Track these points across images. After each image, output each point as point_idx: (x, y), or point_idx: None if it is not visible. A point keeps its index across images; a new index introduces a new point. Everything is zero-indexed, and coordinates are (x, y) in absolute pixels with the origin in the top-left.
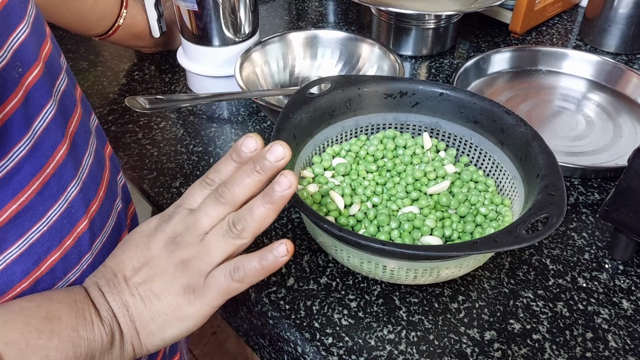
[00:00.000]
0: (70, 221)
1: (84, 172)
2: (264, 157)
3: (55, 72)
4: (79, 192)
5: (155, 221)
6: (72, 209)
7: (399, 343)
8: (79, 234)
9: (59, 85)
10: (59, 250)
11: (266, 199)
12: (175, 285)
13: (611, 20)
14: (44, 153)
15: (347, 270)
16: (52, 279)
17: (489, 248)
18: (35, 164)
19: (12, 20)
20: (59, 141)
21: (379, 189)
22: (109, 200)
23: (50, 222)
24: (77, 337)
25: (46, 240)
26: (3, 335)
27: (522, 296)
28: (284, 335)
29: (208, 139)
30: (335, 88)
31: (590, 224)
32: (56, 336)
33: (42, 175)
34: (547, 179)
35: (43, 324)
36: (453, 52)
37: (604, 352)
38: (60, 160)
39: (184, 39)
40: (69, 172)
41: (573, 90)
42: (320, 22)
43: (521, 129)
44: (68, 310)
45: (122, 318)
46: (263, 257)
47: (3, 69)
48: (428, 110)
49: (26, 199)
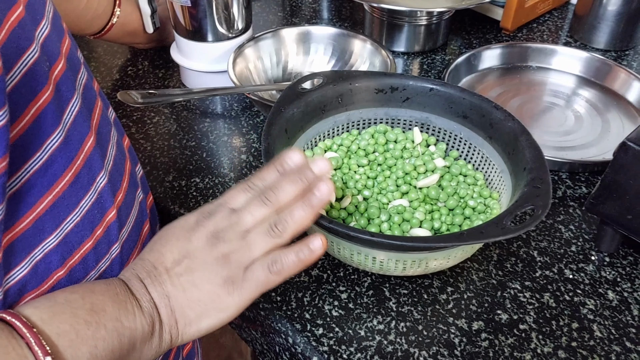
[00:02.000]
0: (100, 211)
1: (110, 163)
2: (309, 169)
3: (76, 66)
4: (107, 183)
5: (195, 217)
6: (101, 199)
7: (389, 333)
8: (108, 223)
9: (80, 79)
10: (90, 240)
11: (306, 202)
12: (216, 277)
13: (600, 17)
14: (74, 145)
15: (338, 263)
16: (85, 268)
17: (476, 239)
18: (67, 156)
19: (36, 15)
20: (86, 133)
21: (369, 183)
22: (132, 191)
23: (83, 212)
24: (122, 327)
25: (79, 229)
26: (54, 327)
27: (509, 287)
28: (276, 326)
29: (201, 133)
30: (327, 83)
31: (577, 217)
32: (103, 327)
33: (74, 166)
34: (534, 172)
35: (90, 315)
36: (445, 48)
37: (589, 341)
38: (89, 152)
39: (177, 34)
40: (97, 163)
41: (562, 86)
42: (313, 19)
43: (509, 123)
44: (111, 302)
45: (162, 308)
46: (300, 250)
47: (35, 62)
48: (418, 106)
49: (60, 189)
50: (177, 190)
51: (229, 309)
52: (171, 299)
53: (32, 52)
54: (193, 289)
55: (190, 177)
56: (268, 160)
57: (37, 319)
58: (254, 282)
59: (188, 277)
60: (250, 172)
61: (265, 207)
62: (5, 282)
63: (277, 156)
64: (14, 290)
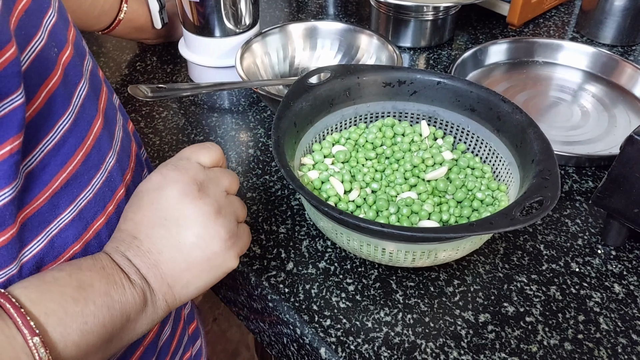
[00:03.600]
0: (111, 188)
1: (117, 144)
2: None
3: (82, 53)
4: (115, 162)
5: (158, 176)
6: (111, 177)
7: (395, 325)
8: (118, 200)
9: (87, 65)
10: (103, 216)
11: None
12: (221, 231)
13: (607, 13)
14: (83, 126)
15: (345, 255)
16: (99, 242)
17: (485, 229)
18: (77, 136)
19: (43, 4)
20: (94, 115)
21: (377, 176)
22: (138, 171)
23: (95, 189)
24: (111, 301)
25: (92, 206)
26: (42, 307)
27: (516, 280)
28: (283, 317)
29: (209, 128)
30: (334, 77)
31: (583, 210)
32: (91, 303)
33: (84, 146)
34: (542, 164)
35: (77, 292)
36: (451, 43)
37: (595, 334)
38: (97, 133)
39: (185, 30)
40: (105, 144)
41: (569, 81)
42: (320, 14)
43: (517, 116)
44: (98, 277)
45: (152, 277)
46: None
47: (42, 48)
48: (426, 99)
49: (73, 168)
50: None
51: (228, 262)
52: (161, 266)
53: (39, 38)
54: (189, 249)
55: None
56: (278, 152)
57: (26, 299)
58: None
59: (178, 237)
60: (257, 167)
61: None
62: (22, 256)
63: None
64: (31, 263)
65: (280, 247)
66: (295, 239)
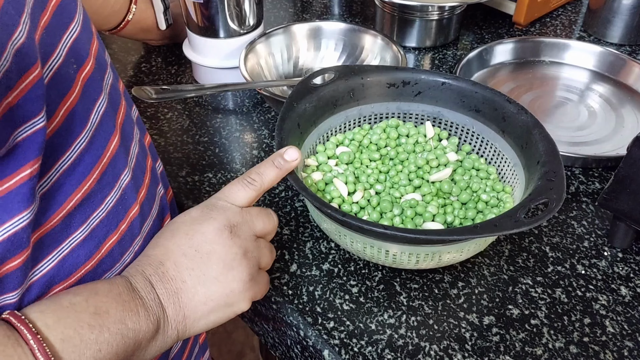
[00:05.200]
0: (124, 207)
1: (132, 160)
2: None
3: (103, 67)
4: (130, 180)
5: (198, 211)
6: (125, 196)
7: (399, 327)
8: (132, 219)
9: (107, 79)
10: (116, 234)
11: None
12: (243, 273)
13: (615, 12)
14: (100, 144)
15: (349, 257)
16: (111, 260)
17: (490, 232)
18: (93, 155)
19: (64, 19)
20: (111, 132)
21: (382, 177)
22: (153, 186)
23: (108, 208)
24: (125, 328)
25: (105, 225)
26: (59, 332)
27: (521, 283)
28: (287, 319)
29: (213, 129)
30: (338, 78)
31: (590, 212)
32: (106, 330)
33: (100, 165)
34: (547, 165)
35: (94, 318)
36: (456, 43)
37: (601, 337)
38: (114, 151)
39: (189, 31)
40: (121, 161)
41: (576, 81)
42: (324, 14)
43: (522, 117)
44: (115, 304)
45: (170, 305)
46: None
47: (61, 66)
48: (430, 100)
49: (88, 187)
50: (190, 185)
51: (241, 303)
52: (181, 295)
53: (57, 56)
54: (208, 282)
55: (204, 173)
56: None
57: (42, 325)
58: (266, 280)
59: (201, 272)
60: None
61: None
62: (32, 275)
63: (275, 153)
64: (41, 282)
65: (284, 248)
66: (298, 241)
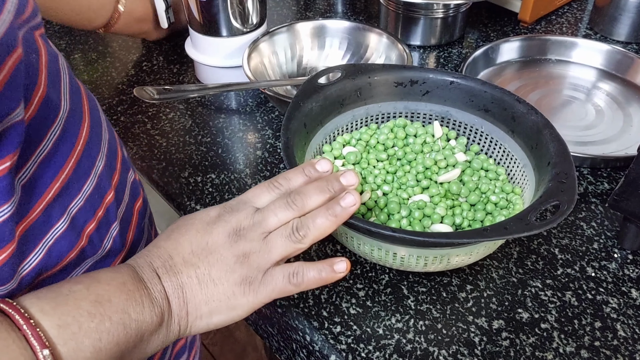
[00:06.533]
0: (100, 193)
1: (105, 146)
2: (337, 180)
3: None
4: (104, 166)
5: (217, 211)
6: (101, 183)
7: (407, 332)
8: (108, 205)
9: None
10: (93, 222)
11: (330, 211)
12: (234, 275)
13: (622, 9)
14: (73, 132)
15: (356, 260)
16: (92, 248)
17: (499, 235)
18: (68, 143)
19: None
20: (81, 119)
21: (389, 178)
22: (124, 171)
23: (86, 196)
24: (128, 319)
25: (83, 213)
26: (55, 319)
27: (530, 285)
28: (293, 323)
29: (216, 129)
30: (345, 77)
31: (599, 213)
32: (107, 319)
33: (75, 152)
34: (558, 166)
35: (94, 306)
36: (462, 41)
37: (612, 341)
38: (87, 137)
39: (191, 29)
40: (95, 148)
41: (583, 80)
42: (328, 12)
43: (532, 117)
44: (118, 293)
45: (175, 299)
46: (323, 269)
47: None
48: (438, 99)
49: (65, 176)
50: (192, 186)
51: (240, 308)
52: (186, 290)
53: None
54: (210, 283)
55: (206, 173)
56: (287, 154)
57: (37, 310)
58: (271, 287)
59: (206, 271)
60: (265, 168)
61: (291, 211)
62: (22, 269)
63: (307, 162)
64: (30, 276)
65: None
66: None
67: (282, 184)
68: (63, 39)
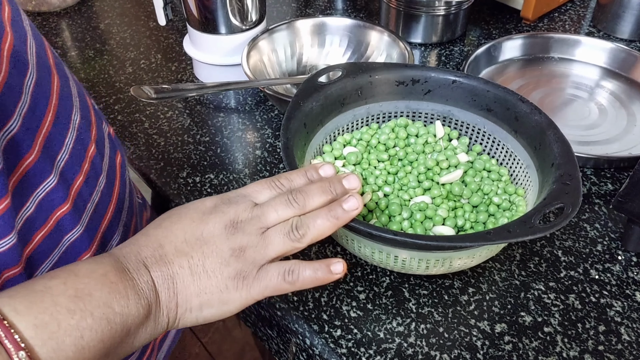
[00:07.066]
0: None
1: (77, 98)
2: (340, 182)
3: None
4: (81, 118)
5: (213, 201)
6: (80, 135)
7: (409, 335)
8: (92, 157)
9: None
10: (81, 175)
11: (332, 213)
12: (228, 268)
13: (625, 6)
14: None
15: (356, 262)
16: (82, 201)
17: (503, 238)
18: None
19: None
20: (50, 72)
21: (390, 179)
22: (99, 124)
23: (69, 149)
24: (112, 313)
25: (70, 166)
26: (31, 318)
27: (533, 288)
28: (292, 327)
29: (215, 128)
30: (346, 76)
31: (603, 214)
32: (89, 315)
33: (52, 106)
34: (562, 168)
35: (73, 302)
36: (463, 39)
37: (616, 345)
38: (59, 90)
39: (190, 27)
40: (67, 101)
41: (586, 78)
42: (328, 9)
43: (536, 117)
44: (100, 286)
45: (164, 290)
46: (319, 269)
47: None
48: (440, 98)
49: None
50: (191, 186)
51: (232, 303)
52: (177, 281)
53: None
54: (203, 275)
55: (205, 173)
56: (287, 155)
57: (10, 310)
58: (265, 284)
59: (199, 262)
60: (265, 168)
61: (291, 209)
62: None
63: (310, 165)
64: (23, 230)
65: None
66: None
67: (284, 184)
68: (59, 36)
